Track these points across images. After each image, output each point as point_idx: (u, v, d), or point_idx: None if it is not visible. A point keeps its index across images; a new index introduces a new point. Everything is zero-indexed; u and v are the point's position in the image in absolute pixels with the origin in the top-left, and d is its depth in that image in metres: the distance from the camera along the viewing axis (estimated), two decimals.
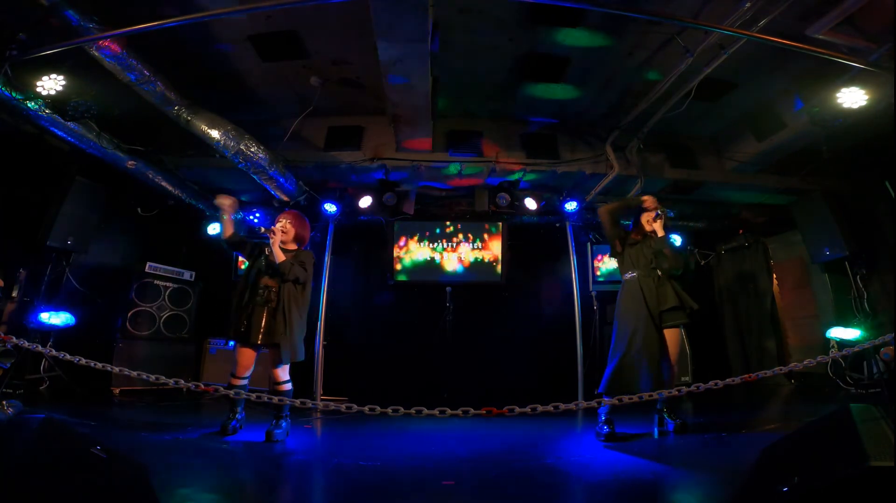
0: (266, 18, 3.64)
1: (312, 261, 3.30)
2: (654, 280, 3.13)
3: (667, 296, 3.09)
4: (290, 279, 3.12)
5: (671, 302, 3.07)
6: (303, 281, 3.17)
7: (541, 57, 4.12)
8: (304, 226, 3.41)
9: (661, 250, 3.17)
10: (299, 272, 3.13)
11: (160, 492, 1.88)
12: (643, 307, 3.05)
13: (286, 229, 3.28)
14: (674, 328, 3.10)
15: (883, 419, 1.36)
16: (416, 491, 2.14)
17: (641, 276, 3.15)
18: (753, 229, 6.30)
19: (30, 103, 3.49)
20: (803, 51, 3.12)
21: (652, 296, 3.07)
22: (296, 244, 3.36)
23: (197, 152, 4.70)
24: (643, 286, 3.11)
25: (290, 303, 3.10)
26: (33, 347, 2.25)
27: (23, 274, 4.47)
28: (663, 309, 3.07)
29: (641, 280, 3.14)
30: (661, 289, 3.10)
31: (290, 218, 3.35)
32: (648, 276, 3.14)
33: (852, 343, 4.43)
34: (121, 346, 4.92)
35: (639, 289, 3.11)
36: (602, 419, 3.04)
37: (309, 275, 3.22)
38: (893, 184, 4.71)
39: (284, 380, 3.08)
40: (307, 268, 3.20)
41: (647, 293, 3.08)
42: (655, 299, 3.07)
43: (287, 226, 3.29)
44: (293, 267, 3.11)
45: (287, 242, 3.31)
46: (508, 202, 5.49)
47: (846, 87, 3.62)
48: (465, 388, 4.85)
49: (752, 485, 1.64)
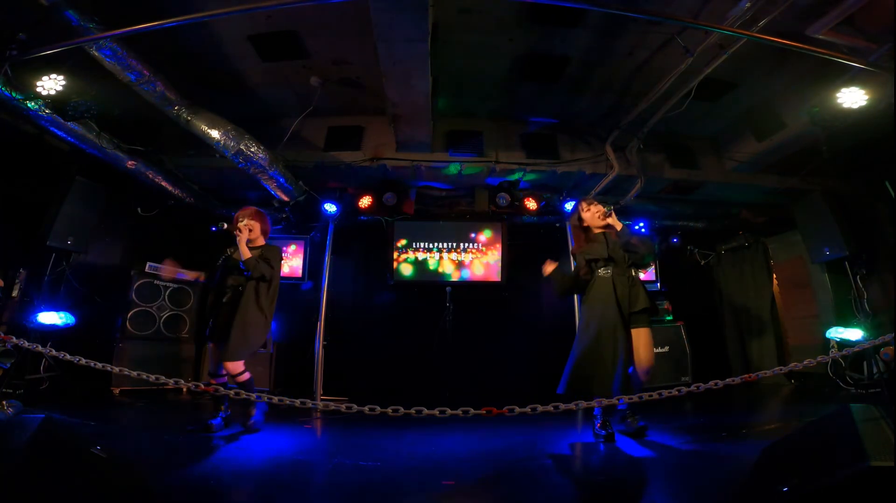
0: (266, 18, 3.65)
1: (280, 257, 3.35)
2: (628, 278, 3.05)
3: (637, 298, 3.02)
4: (255, 276, 3.14)
5: (642, 304, 3.01)
6: (268, 278, 3.20)
7: (540, 57, 4.13)
8: (264, 220, 3.45)
9: (628, 241, 3.05)
10: (265, 269, 3.16)
11: (159, 491, 1.88)
12: (613, 305, 2.96)
13: (251, 226, 3.30)
14: (642, 328, 3.01)
15: (883, 419, 1.37)
16: (416, 491, 2.14)
17: (616, 274, 3.05)
18: (753, 229, 6.30)
19: (30, 103, 3.49)
20: (803, 51, 3.13)
21: (624, 295, 3.00)
22: (262, 238, 3.41)
23: (197, 152, 4.71)
24: (617, 284, 3.01)
25: (250, 299, 3.13)
26: (33, 347, 2.25)
27: (23, 274, 4.47)
28: (634, 310, 3.00)
29: (616, 278, 3.04)
30: (633, 290, 3.04)
31: (249, 214, 3.37)
32: (623, 275, 3.06)
33: (852, 343, 4.44)
34: (121, 346, 4.92)
35: (611, 287, 3.01)
36: (598, 422, 3.02)
37: (275, 271, 3.25)
38: (893, 184, 4.72)
39: (239, 371, 3.08)
40: (273, 265, 3.23)
41: (619, 291, 2.99)
42: (627, 300, 3.00)
43: (250, 222, 3.31)
44: (258, 264, 3.14)
45: (254, 239, 3.34)
46: (508, 202, 5.49)
47: (846, 87, 3.62)
48: (465, 388, 4.84)
49: (752, 485, 1.64)
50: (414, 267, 5.97)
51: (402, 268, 5.95)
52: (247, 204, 5.79)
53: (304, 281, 5.86)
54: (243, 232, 3.23)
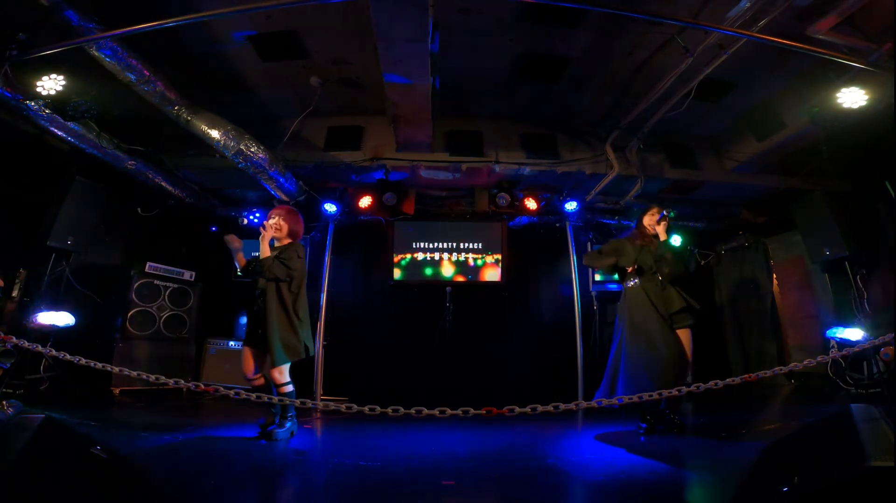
0: (266, 18, 3.64)
1: (298, 256, 3.17)
2: (657, 284, 3.15)
3: (672, 300, 3.12)
4: (269, 278, 3.06)
5: (677, 304, 3.10)
6: (283, 278, 3.07)
7: (540, 57, 4.12)
8: (297, 220, 3.33)
9: (662, 255, 3.19)
10: (278, 270, 3.04)
11: (159, 492, 1.88)
12: (653, 311, 3.07)
13: (279, 226, 3.23)
14: (685, 328, 3.13)
15: (883, 419, 1.37)
16: (416, 491, 2.14)
17: (644, 282, 3.17)
18: (753, 229, 6.30)
19: (30, 103, 3.49)
20: (803, 51, 3.13)
21: (658, 299, 3.10)
22: (290, 239, 3.30)
23: (197, 152, 4.70)
24: (648, 291, 3.14)
25: (272, 302, 3.04)
26: (33, 347, 2.25)
27: (23, 274, 4.47)
28: (671, 311, 3.10)
29: (645, 286, 3.16)
30: (665, 293, 3.14)
31: (282, 213, 3.28)
32: (650, 282, 3.17)
33: (852, 343, 4.43)
34: (121, 346, 4.92)
35: (644, 295, 3.13)
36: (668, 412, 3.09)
37: (293, 272, 3.09)
38: (893, 184, 4.71)
39: (282, 382, 3.01)
40: (290, 264, 3.08)
41: (653, 298, 3.11)
42: (662, 303, 3.10)
43: (280, 222, 3.24)
44: (273, 264, 3.04)
45: (281, 238, 3.26)
46: (508, 202, 5.49)
47: (846, 87, 3.62)
48: (465, 388, 4.84)
49: (752, 485, 1.64)
50: (414, 267, 5.97)
51: (402, 269, 5.95)
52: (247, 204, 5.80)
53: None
54: (268, 230, 3.16)
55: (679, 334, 3.10)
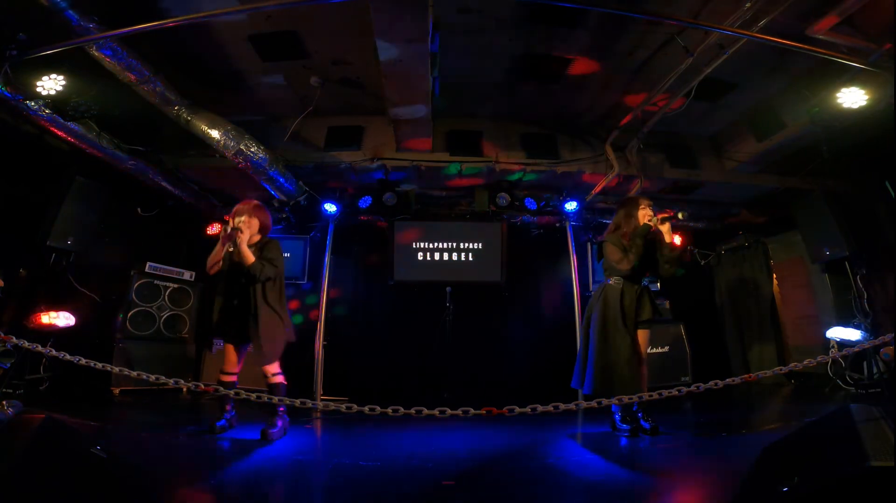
0: (266, 18, 3.64)
1: (280, 251, 3.21)
2: (636, 291, 3.18)
3: (644, 308, 3.16)
4: (262, 280, 3.08)
5: (647, 314, 3.16)
6: (273, 278, 3.13)
7: (540, 57, 4.12)
8: (265, 214, 3.29)
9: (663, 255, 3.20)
10: (269, 272, 3.08)
11: (159, 492, 1.88)
12: (620, 315, 3.10)
13: (250, 224, 3.18)
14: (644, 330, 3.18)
15: (883, 419, 1.37)
16: (416, 491, 2.14)
17: (626, 285, 3.18)
18: (753, 229, 6.30)
19: (30, 103, 3.49)
20: (803, 51, 3.13)
21: (632, 306, 3.14)
22: (260, 234, 3.27)
23: (197, 152, 4.71)
24: (625, 294, 3.15)
25: (260, 302, 3.07)
26: (33, 347, 2.25)
27: (23, 274, 4.47)
28: (640, 320, 3.15)
29: (625, 287, 3.17)
30: (641, 300, 3.17)
31: (248, 209, 3.22)
32: (632, 287, 3.18)
33: (852, 343, 4.44)
34: (121, 346, 4.91)
35: (619, 297, 3.14)
36: (618, 418, 3.12)
37: (279, 269, 3.15)
38: (893, 184, 4.71)
39: (274, 372, 3.08)
40: (276, 263, 3.13)
41: (627, 303, 3.14)
42: (634, 310, 3.13)
43: (248, 219, 3.18)
44: (264, 267, 3.06)
45: (253, 235, 3.22)
46: (508, 202, 5.49)
47: (846, 87, 3.62)
48: (465, 388, 4.85)
49: (752, 485, 1.64)
50: (414, 267, 5.96)
51: (402, 268, 5.95)
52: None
53: (305, 281, 5.86)
54: (245, 232, 3.10)
55: (639, 333, 3.15)
